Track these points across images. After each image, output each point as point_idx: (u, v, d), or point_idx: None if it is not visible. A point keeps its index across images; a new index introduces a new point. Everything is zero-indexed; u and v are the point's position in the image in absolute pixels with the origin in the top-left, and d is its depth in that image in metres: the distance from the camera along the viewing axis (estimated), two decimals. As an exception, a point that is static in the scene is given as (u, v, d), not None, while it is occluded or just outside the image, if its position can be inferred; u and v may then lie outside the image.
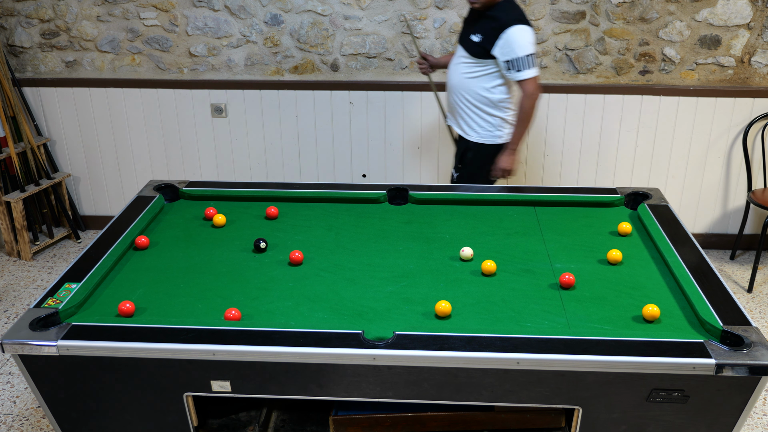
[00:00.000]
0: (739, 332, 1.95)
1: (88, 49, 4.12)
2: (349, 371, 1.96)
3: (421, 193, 2.92)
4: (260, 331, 2.00)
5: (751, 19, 3.79)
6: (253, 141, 4.23)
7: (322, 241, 2.61)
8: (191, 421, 2.11)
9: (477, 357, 1.90)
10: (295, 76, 4.10)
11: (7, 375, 3.15)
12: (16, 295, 3.81)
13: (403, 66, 4.03)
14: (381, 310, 2.16)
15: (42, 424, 2.86)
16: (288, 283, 2.33)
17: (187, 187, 3.00)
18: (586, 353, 1.89)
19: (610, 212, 2.84)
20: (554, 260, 2.46)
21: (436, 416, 2.20)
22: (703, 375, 1.87)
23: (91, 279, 2.28)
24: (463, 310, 2.16)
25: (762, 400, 3.00)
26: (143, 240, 2.55)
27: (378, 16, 3.93)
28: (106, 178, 4.42)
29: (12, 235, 4.16)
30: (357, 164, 4.25)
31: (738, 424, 1.97)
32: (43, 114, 4.27)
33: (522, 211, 2.85)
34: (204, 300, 2.23)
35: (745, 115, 3.96)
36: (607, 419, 1.99)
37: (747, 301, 3.75)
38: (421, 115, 4.10)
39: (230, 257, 2.50)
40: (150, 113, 4.22)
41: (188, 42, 4.05)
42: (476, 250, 2.52)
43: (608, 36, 3.89)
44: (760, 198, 3.86)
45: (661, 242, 2.51)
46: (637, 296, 2.23)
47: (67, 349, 1.97)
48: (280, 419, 2.36)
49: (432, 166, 4.23)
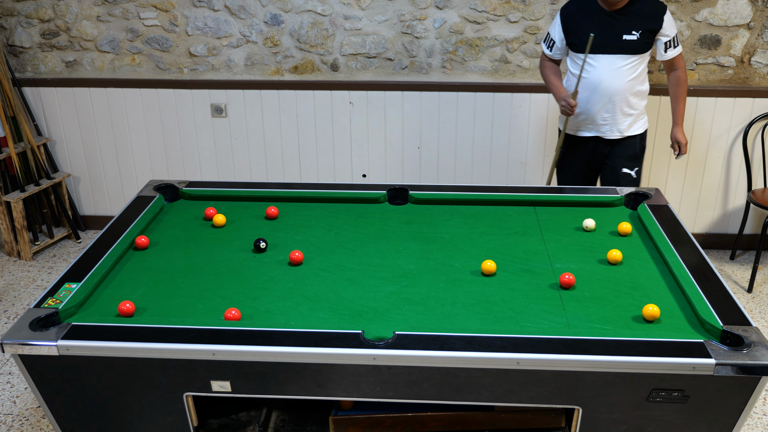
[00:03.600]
0: (739, 332, 1.95)
1: (88, 49, 4.12)
2: (349, 371, 1.96)
3: (421, 193, 2.92)
4: (260, 331, 2.00)
5: (751, 19, 3.80)
6: (253, 141, 4.23)
7: (322, 241, 2.61)
8: (191, 421, 2.11)
9: (477, 357, 1.90)
10: (295, 76, 4.10)
11: (7, 375, 3.15)
12: (16, 295, 3.81)
13: (403, 66, 4.03)
14: (381, 310, 2.16)
15: (42, 424, 2.86)
16: (288, 283, 2.33)
17: (187, 187, 3.00)
18: (586, 353, 1.89)
19: (610, 212, 2.84)
20: (554, 260, 2.46)
21: (436, 416, 2.20)
22: (703, 375, 1.87)
23: (91, 279, 2.28)
24: (463, 310, 2.16)
25: (762, 400, 3.00)
26: (143, 240, 2.55)
27: (378, 16, 3.93)
28: (106, 178, 4.42)
29: (12, 235, 4.16)
30: (357, 164, 4.25)
31: (738, 424, 1.97)
32: (43, 114, 4.27)
33: (522, 211, 2.85)
34: (204, 300, 2.23)
35: (745, 115, 3.97)
36: (607, 419, 1.99)
37: (747, 301, 3.75)
38: (421, 115, 4.10)
39: (230, 257, 2.50)
40: (150, 113, 4.22)
41: (188, 42, 4.06)
42: (476, 250, 2.53)
43: (608, 36, 3.89)
44: (760, 198, 3.86)
45: (661, 242, 2.51)
46: (637, 296, 2.23)
47: (67, 349, 1.96)
48: (280, 419, 2.36)
49: (432, 166, 4.23)
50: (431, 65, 4.02)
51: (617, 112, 3.30)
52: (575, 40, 3.29)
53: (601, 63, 3.24)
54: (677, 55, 3.31)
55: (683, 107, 3.43)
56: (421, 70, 4.03)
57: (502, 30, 3.92)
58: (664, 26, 3.21)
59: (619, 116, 3.32)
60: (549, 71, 3.45)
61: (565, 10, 3.33)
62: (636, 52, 3.22)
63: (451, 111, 4.09)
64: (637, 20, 3.19)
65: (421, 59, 4.01)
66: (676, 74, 3.39)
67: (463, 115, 4.10)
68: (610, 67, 3.23)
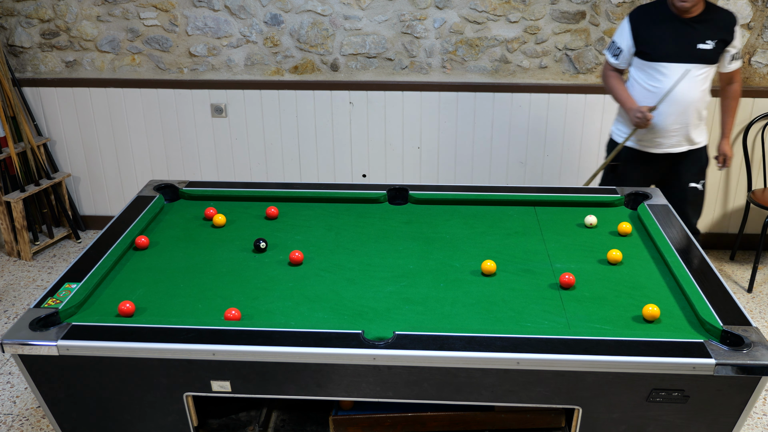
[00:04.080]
0: (739, 332, 1.95)
1: (88, 49, 4.12)
2: (349, 371, 1.96)
3: (421, 193, 2.92)
4: (260, 331, 2.00)
5: (751, 19, 3.79)
6: (253, 141, 4.23)
7: (322, 241, 2.61)
8: (191, 421, 2.11)
9: (477, 357, 1.90)
10: (295, 76, 4.10)
11: (7, 375, 3.15)
12: (16, 295, 3.81)
13: (403, 66, 4.03)
14: (381, 310, 2.16)
15: (42, 424, 2.86)
16: (288, 283, 2.33)
17: (187, 187, 3.00)
18: (586, 353, 1.89)
19: (610, 212, 2.84)
20: (554, 260, 2.46)
21: (436, 416, 2.20)
22: (703, 375, 1.87)
23: (91, 279, 2.28)
24: (463, 310, 2.16)
25: (762, 400, 3.00)
26: (143, 240, 2.55)
27: (378, 16, 3.93)
28: (106, 178, 4.42)
29: (12, 235, 4.16)
30: (357, 164, 4.25)
31: (738, 424, 1.97)
32: (43, 114, 4.27)
33: (522, 211, 2.85)
34: (204, 300, 2.23)
35: (745, 115, 3.96)
36: (607, 419, 1.99)
37: (747, 301, 3.75)
38: (421, 115, 4.10)
39: (230, 257, 2.49)
40: (150, 113, 4.22)
41: (188, 42, 4.06)
42: (476, 250, 2.53)
43: (608, 36, 3.89)
44: (760, 198, 3.86)
45: (661, 242, 2.51)
46: (637, 296, 2.23)
47: (67, 349, 1.96)
48: (280, 419, 2.36)
49: (432, 166, 4.23)
50: (431, 65, 4.02)
51: (690, 123, 3.19)
52: (647, 48, 3.14)
53: (675, 72, 3.09)
54: (737, 69, 3.25)
55: (733, 121, 3.38)
56: (421, 70, 4.03)
57: (502, 30, 3.92)
58: (735, 37, 3.14)
59: (691, 128, 3.21)
60: (615, 80, 3.31)
61: (635, 17, 3.19)
62: (709, 61, 3.12)
63: (451, 111, 4.09)
64: (712, 29, 3.09)
65: (421, 59, 4.01)
66: (733, 87, 3.32)
67: (463, 115, 4.10)
68: (685, 80, 3.09)
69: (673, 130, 3.21)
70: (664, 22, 3.12)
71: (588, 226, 2.69)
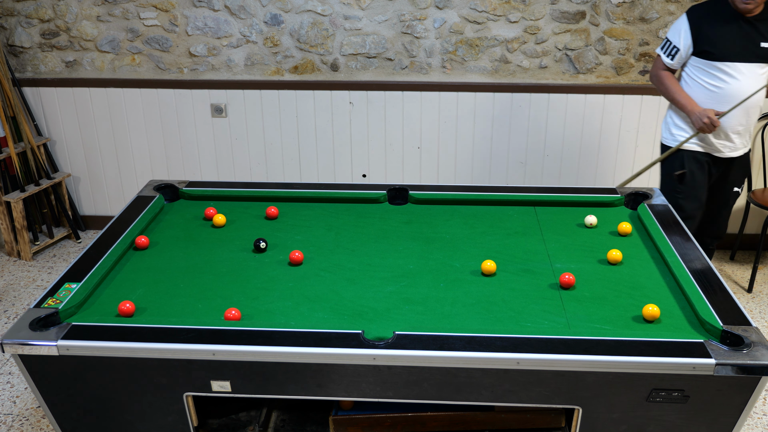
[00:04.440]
0: (739, 332, 1.95)
1: (88, 49, 4.12)
2: (349, 371, 1.96)
3: (421, 193, 2.92)
4: (260, 331, 2.00)
5: None
6: (253, 141, 4.23)
7: (322, 241, 2.61)
8: (191, 421, 2.11)
9: (477, 357, 1.90)
10: (295, 76, 4.10)
11: (7, 375, 3.15)
12: (16, 295, 3.81)
13: (403, 66, 4.03)
14: (381, 310, 2.16)
15: (42, 424, 2.86)
16: (288, 283, 2.33)
17: (187, 187, 3.00)
18: (586, 353, 1.89)
19: (610, 212, 2.84)
20: (554, 260, 2.46)
21: (436, 416, 2.20)
22: (703, 375, 1.87)
23: (91, 279, 2.28)
24: (463, 310, 2.16)
25: (762, 400, 3.00)
26: (143, 240, 2.55)
27: (378, 16, 3.93)
28: (106, 178, 4.42)
29: (12, 235, 4.16)
30: (357, 164, 4.25)
31: (738, 424, 1.97)
32: (43, 114, 4.27)
33: (522, 211, 2.85)
34: (204, 300, 2.23)
35: (745, 115, 3.96)
36: (607, 419, 1.99)
37: (747, 301, 3.75)
38: (421, 115, 4.10)
39: (230, 257, 2.50)
40: (150, 113, 4.22)
41: (188, 42, 4.06)
42: (476, 250, 2.53)
43: (608, 36, 3.89)
44: (760, 198, 3.86)
45: (661, 242, 2.51)
46: (637, 296, 2.23)
47: (67, 349, 1.96)
48: (280, 419, 2.36)
49: (432, 166, 4.23)
50: (431, 65, 4.02)
51: (751, 125, 3.10)
52: (709, 48, 3.02)
53: (740, 72, 3.00)
54: None
55: None
56: (421, 70, 4.03)
57: (502, 30, 3.92)
58: None
59: (751, 129, 3.13)
60: (672, 81, 3.18)
61: (695, 15, 3.07)
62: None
63: (451, 111, 4.09)
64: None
65: (421, 59, 4.01)
66: None
67: (463, 115, 4.10)
68: (751, 76, 3.00)
69: (736, 132, 3.12)
70: (727, 20, 3.00)
71: (588, 226, 2.69)
